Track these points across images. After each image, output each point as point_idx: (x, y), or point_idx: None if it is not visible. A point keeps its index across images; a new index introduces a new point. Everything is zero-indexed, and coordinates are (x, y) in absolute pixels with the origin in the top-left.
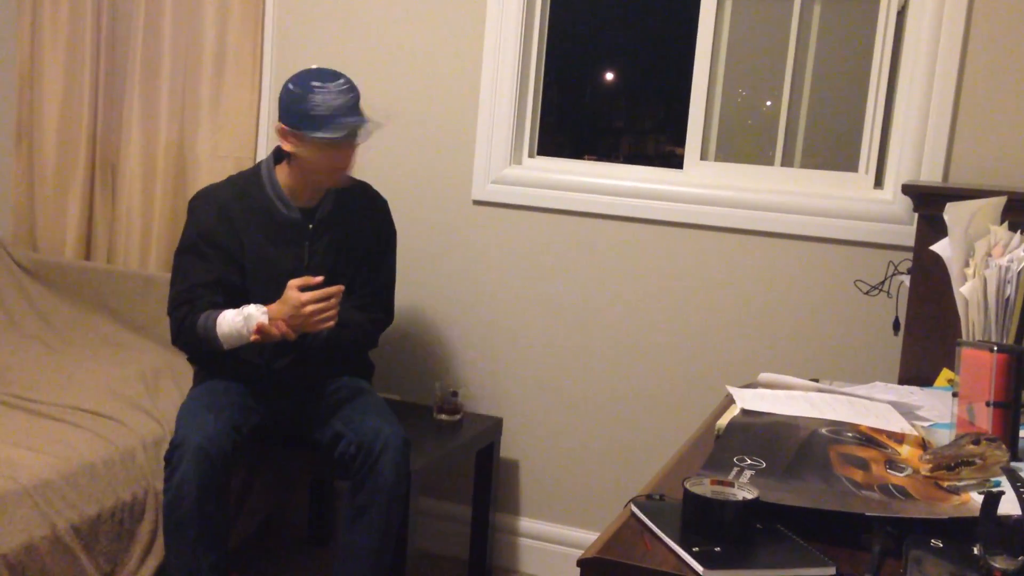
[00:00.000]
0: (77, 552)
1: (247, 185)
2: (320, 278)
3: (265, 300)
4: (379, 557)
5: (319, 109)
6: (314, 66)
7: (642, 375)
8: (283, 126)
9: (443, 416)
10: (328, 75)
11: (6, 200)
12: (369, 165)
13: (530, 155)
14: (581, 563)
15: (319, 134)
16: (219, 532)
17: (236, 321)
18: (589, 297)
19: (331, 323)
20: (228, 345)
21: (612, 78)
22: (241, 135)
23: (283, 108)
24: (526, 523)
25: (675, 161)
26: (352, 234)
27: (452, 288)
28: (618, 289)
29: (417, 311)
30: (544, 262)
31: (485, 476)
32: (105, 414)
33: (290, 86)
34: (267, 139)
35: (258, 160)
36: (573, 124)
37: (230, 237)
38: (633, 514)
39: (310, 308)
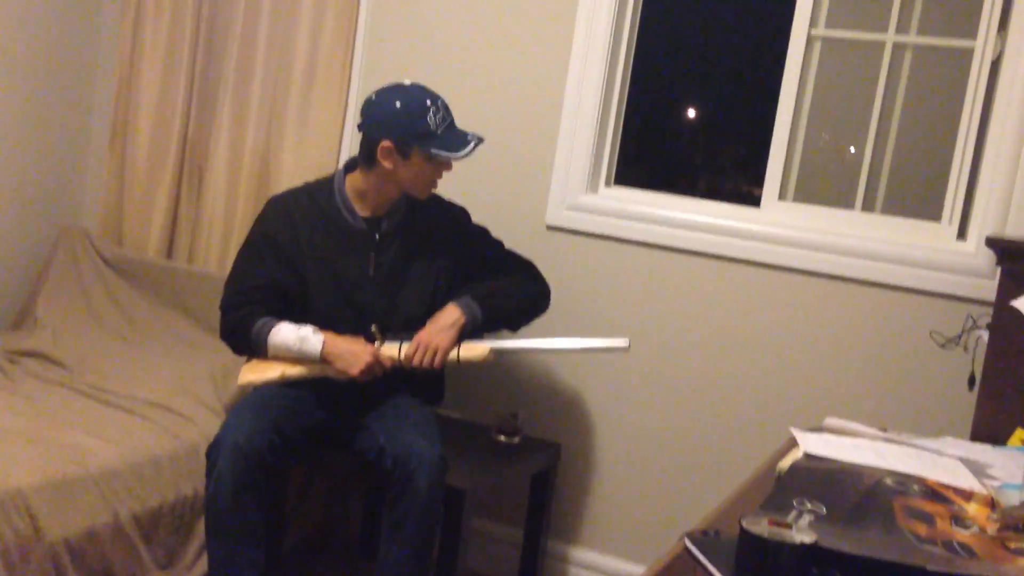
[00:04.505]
0: (136, 542)
1: (317, 192)
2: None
3: (326, 307)
4: (416, 572)
5: (439, 127)
6: (404, 81)
7: (705, 411)
8: (390, 144)
9: (502, 437)
10: (427, 92)
11: (97, 196)
12: (443, 185)
13: (607, 184)
14: None
15: (442, 152)
16: (259, 530)
17: (290, 337)
18: (657, 329)
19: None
20: (273, 354)
21: (694, 115)
22: (325, 147)
23: (388, 125)
24: (577, 551)
25: (752, 201)
26: (426, 244)
27: None
28: (687, 323)
29: None
30: (614, 291)
31: (539, 501)
32: (174, 409)
33: (396, 104)
34: (349, 153)
35: None
36: (651, 158)
37: (291, 241)
38: (686, 548)
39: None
